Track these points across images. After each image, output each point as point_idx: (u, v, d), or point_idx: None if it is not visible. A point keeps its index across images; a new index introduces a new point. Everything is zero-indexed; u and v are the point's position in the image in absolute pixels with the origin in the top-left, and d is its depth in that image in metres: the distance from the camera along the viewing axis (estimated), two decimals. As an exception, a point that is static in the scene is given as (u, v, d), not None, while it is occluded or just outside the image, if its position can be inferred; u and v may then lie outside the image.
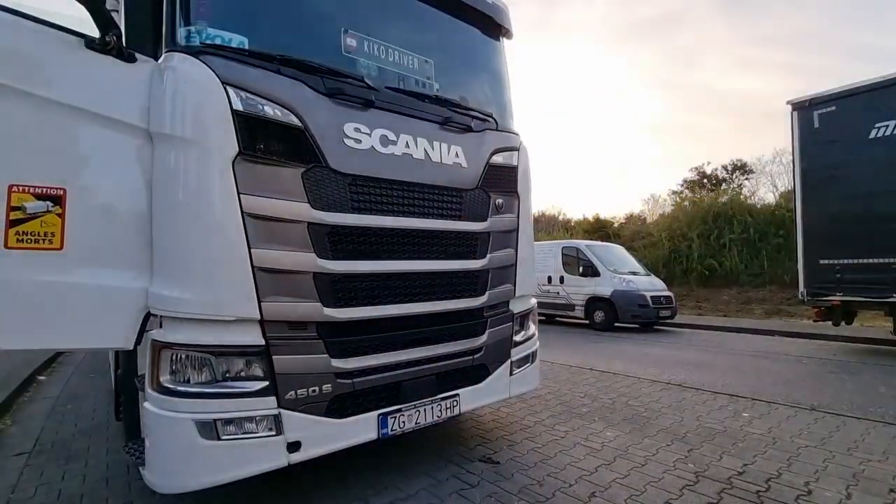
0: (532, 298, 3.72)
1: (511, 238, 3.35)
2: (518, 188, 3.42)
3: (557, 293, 11.69)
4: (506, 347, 3.30)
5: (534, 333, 3.66)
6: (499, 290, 3.23)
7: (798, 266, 7.99)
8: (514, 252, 3.36)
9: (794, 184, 8.22)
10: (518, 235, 3.40)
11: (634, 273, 11.16)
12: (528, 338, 3.57)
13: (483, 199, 3.13)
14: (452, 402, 2.90)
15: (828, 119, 7.57)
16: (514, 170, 3.41)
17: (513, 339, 3.36)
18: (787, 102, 8.12)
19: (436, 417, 2.80)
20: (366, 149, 2.53)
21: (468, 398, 3.01)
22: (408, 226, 2.70)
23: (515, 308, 3.42)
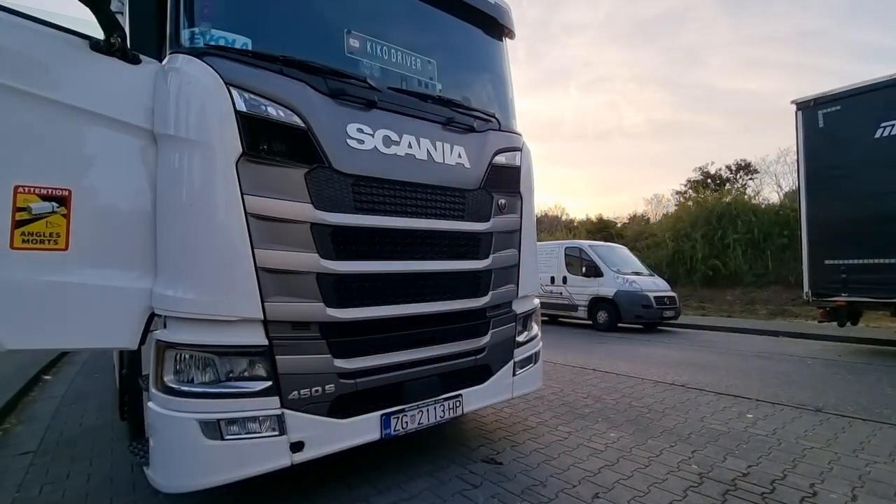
0: (535, 299, 3.71)
1: (514, 238, 3.35)
2: (521, 188, 3.42)
3: (560, 293, 11.67)
4: (509, 348, 3.30)
5: (536, 334, 3.66)
6: (501, 291, 3.23)
7: (803, 266, 7.95)
8: (517, 252, 3.36)
9: (799, 183, 8.18)
10: (521, 236, 3.40)
11: (638, 273, 11.12)
12: (531, 338, 3.56)
13: (486, 200, 3.13)
14: (455, 403, 2.90)
15: (833, 119, 7.53)
16: (517, 170, 3.41)
17: (515, 340, 3.36)
18: (792, 102, 8.09)
19: (438, 418, 2.80)
20: (368, 149, 2.54)
21: (471, 399, 3.01)
22: (410, 226, 2.70)
23: (518, 308, 3.42)
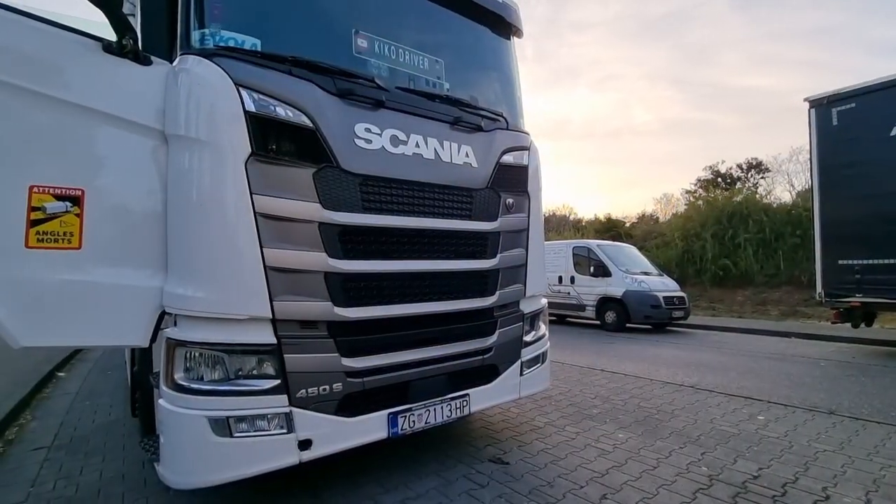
0: (543, 298, 3.70)
1: (521, 238, 3.34)
2: (528, 187, 3.41)
3: (568, 293, 11.62)
4: (516, 348, 3.29)
5: (544, 334, 3.64)
6: (509, 290, 3.22)
7: (816, 267, 7.84)
8: (525, 252, 3.35)
9: (812, 182, 8.04)
10: (528, 235, 3.39)
11: (647, 273, 11.04)
12: (539, 338, 3.55)
13: (493, 199, 3.13)
14: (462, 402, 2.90)
15: (847, 116, 7.40)
16: (525, 169, 3.40)
17: (523, 340, 3.35)
18: (805, 100, 7.96)
19: (445, 417, 2.80)
20: (376, 149, 2.54)
21: (478, 398, 3.00)
22: (418, 225, 2.71)
23: (526, 308, 3.41)
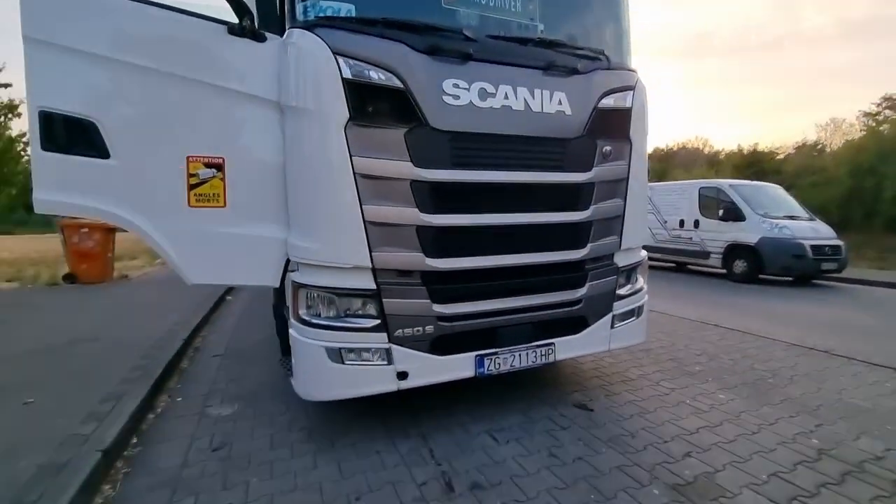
0: (642, 251, 3.52)
1: (619, 188, 3.17)
2: (631, 132, 3.17)
3: (690, 238, 10.60)
4: (607, 301, 3.24)
5: (642, 287, 3.51)
6: (602, 243, 3.14)
7: None
8: (623, 203, 3.19)
9: None
10: (628, 184, 3.20)
11: (792, 217, 9.49)
12: (635, 292, 3.43)
13: (589, 148, 2.99)
14: (548, 350, 3.01)
15: None
16: (627, 112, 3.14)
17: (616, 293, 3.27)
18: None
19: (531, 363, 2.95)
20: (464, 104, 2.59)
21: (564, 347, 3.08)
22: (506, 179, 2.74)
23: (621, 261, 3.29)
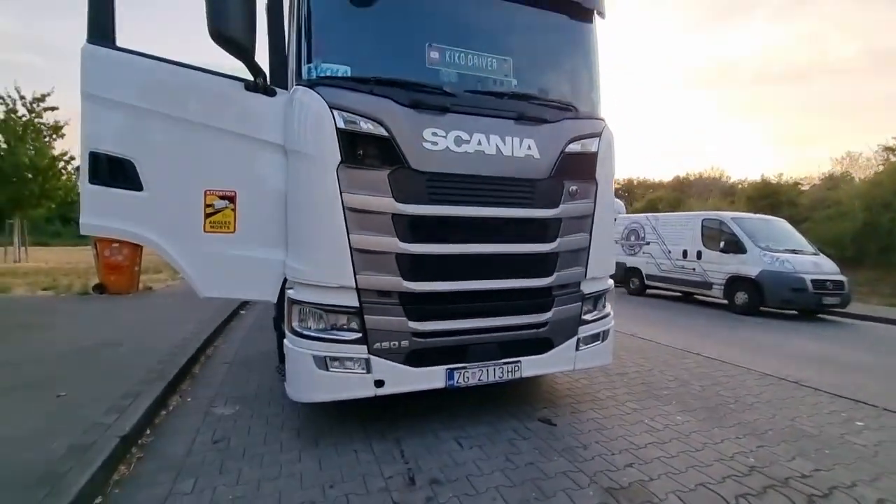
0: (608, 280, 3.84)
1: (585, 223, 3.52)
2: (597, 174, 3.54)
3: (693, 269, 10.75)
4: (573, 325, 3.56)
5: (608, 313, 3.82)
6: (568, 272, 3.48)
7: None
8: (588, 236, 3.54)
9: None
10: (594, 220, 3.55)
11: (794, 252, 9.58)
12: (601, 317, 3.74)
13: (556, 187, 3.36)
14: (514, 367, 3.34)
15: None
16: (594, 156, 3.52)
17: (581, 318, 3.59)
18: None
19: (497, 378, 3.28)
20: (441, 149, 3.01)
21: (530, 365, 3.40)
22: (476, 214, 3.14)
23: (587, 289, 3.62)
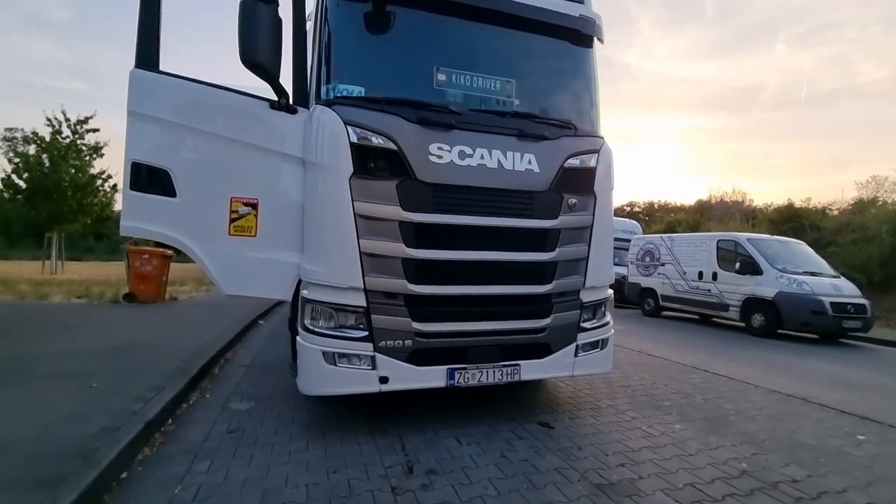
0: (608, 289, 3.98)
1: (584, 234, 3.70)
2: (595, 188, 3.73)
3: (709, 290, 10.65)
4: (571, 331, 3.70)
5: (608, 322, 3.94)
6: (567, 281, 3.64)
7: None
8: (587, 247, 3.70)
9: None
10: (592, 231, 3.72)
11: (813, 274, 9.43)
12: (600, 325, 3.87)
13: (555, 199, 3.56)
14: (513, 370, 3.48)
15: None
16: (592, 171, 3.72)
17: (580, 325, 3.73)
18: None
19: (497, 379, 3.43)
20: (446, 163, 3.26)
21: (529, 369, 3.54)
22: (477, 223, 3.35)
23: (585, 297, 3.77)
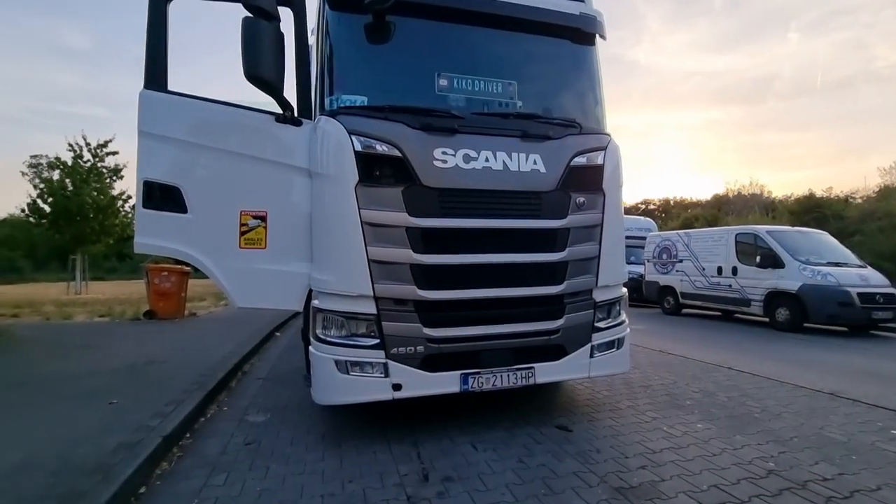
0: (622, 288, 3.91)
1: (594, 232, 3.64)
2: (604, 185, 3.68)
3: (729, 286, 10.39)
4: (586, 332, 3.63)
5: (622, 321, 3.87)
6: (579, 280, 3.58)
7: None
8: (598, 245, 3.65)
9: None
10: (602, 230, 3.66)
11: (838, 264, 9.14)
12: (615, 325, 3.80)
13: (562, 199, 3.52)
14: (528, 374, 3.42)
15: None
16: (600, 169, 3.67)
17: (594, 325, 3.66)
18: None
19: (511, 383, 3.37)
20: (451, 167, 3.25)
21: (544, 372, 3.48)
22: (484, 226, 3.33)
23: (598, 297, 3.70)
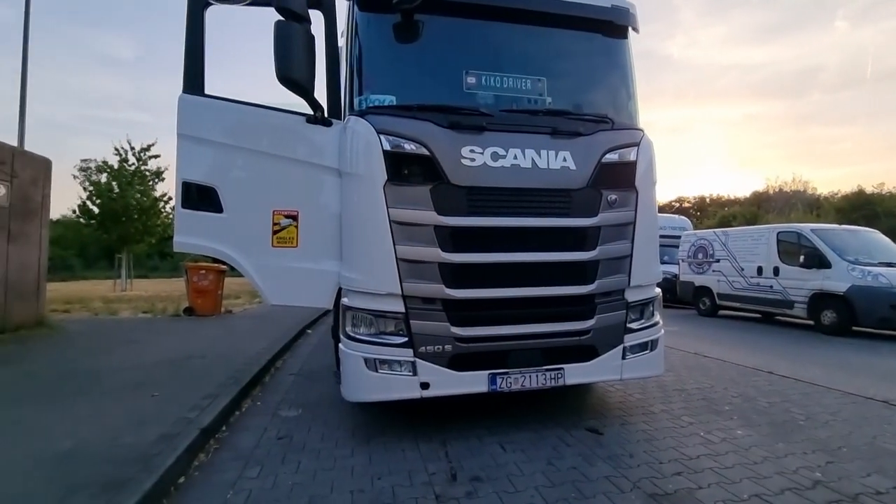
0: (655, 288, 3.79)
1: (626, 231, 3.55)
2: (636, 182, 3.57)
3: (770, 287, 9.94)
4: (618, 333, 3.54)
5: (656, 322, 3.75)
6: (610, 280, 3.50)
7: None
8: (630, 244, 3.55)
9: None
10: (635, 228, 3.56)
11: (890, 265, 8.59)
12: (648, 326, 3.69)
13: (594, 196, 3.45)
14: (557, 374, 3.37)
15: None
16: (633, 165, 3.57)
17: (626, 326, 3.56)
18: None
19: (540, 384, 3.33)
20: (479, 165, 3.24)
21: (574, 373, 3.41)
22: (513, 224, 3.30)
23: (631, 297, 3.60)
